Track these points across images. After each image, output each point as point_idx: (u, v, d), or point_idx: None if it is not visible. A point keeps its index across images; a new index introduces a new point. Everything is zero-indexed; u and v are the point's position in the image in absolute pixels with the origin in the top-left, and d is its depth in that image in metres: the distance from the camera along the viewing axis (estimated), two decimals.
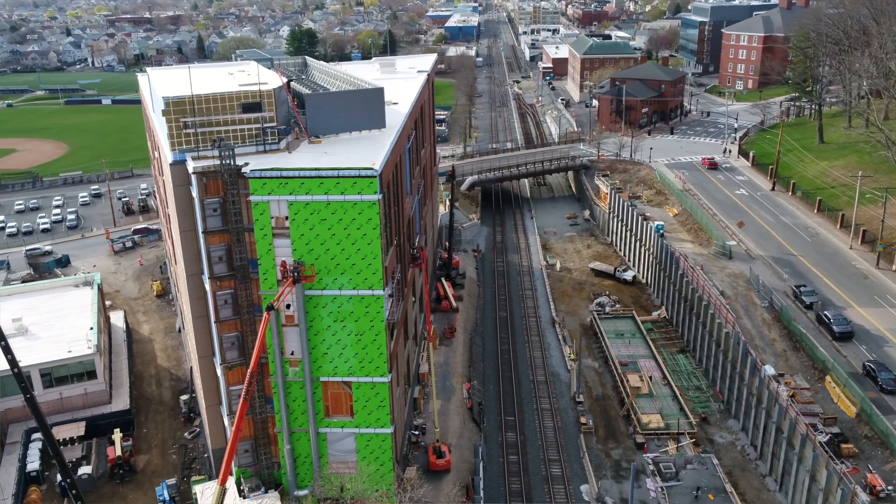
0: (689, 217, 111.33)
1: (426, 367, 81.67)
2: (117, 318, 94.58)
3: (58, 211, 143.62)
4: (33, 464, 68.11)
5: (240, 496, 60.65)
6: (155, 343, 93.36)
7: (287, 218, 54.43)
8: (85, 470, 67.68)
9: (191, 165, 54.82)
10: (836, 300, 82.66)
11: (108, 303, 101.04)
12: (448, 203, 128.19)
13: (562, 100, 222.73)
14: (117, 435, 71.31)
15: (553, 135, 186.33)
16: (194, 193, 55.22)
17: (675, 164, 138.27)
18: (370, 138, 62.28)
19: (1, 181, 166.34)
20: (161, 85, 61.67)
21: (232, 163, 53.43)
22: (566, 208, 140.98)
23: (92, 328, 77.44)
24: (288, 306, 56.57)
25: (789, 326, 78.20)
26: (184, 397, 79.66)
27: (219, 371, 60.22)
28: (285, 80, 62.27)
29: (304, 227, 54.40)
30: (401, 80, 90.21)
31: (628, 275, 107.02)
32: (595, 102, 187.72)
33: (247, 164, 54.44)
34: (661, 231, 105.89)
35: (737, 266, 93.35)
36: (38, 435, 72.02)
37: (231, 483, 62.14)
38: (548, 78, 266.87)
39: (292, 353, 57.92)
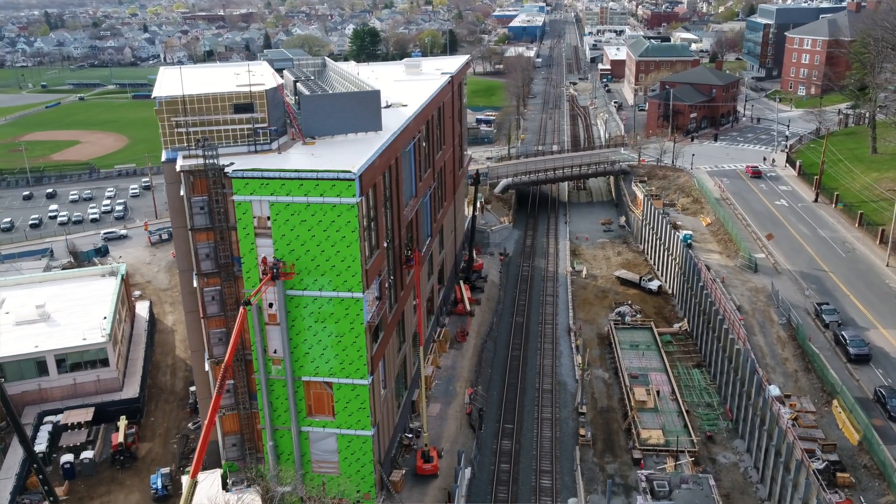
0: (722, 227, 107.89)
1: (428, 371, 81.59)
2: (142, 308, 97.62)
3: (108, 202, 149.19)
4: (41, 445, 70.76)
5: (223, 489, 61.76)
6: (176, 334, 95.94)
7: (269, 218, 55.07)
8: (87, 454, 70.12)
9: (178, 164, 56.15)
10: (860, 320, 78.77)
11: (137, 293, 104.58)
12: (479, 205, 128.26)
13: (615, 102, 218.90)
14: (122, 422, 73.67)
15: (602, 138, 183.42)
16: (182, 191, 56.55)
17: (718, 172, 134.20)
18: (364, 140, 62.43)
19: (61, 171, 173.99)
20: (162, 84, 63.17)
21: (216, 162, 54.46)
22: (603, 214, 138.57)
23: (105, 317, 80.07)
24: (270, 305, 57.34)
25: (803, 346, 74.90)
26: (193, 388, 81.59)
27: (206, 366, 61.56)
28: (281, 81, 63.01)
29: (285, 227, 54.95)
30: (420, 82, 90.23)
31: (654, 284, 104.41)
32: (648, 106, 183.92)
33: (232, 163, 55.36)
34: (689, 241, 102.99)
35: (760, 280, 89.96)
36: (49, 418, 75.17)
37: (217, 476, 63.47)
38: (604, 80, 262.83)
39: (275, 352, 58.64)
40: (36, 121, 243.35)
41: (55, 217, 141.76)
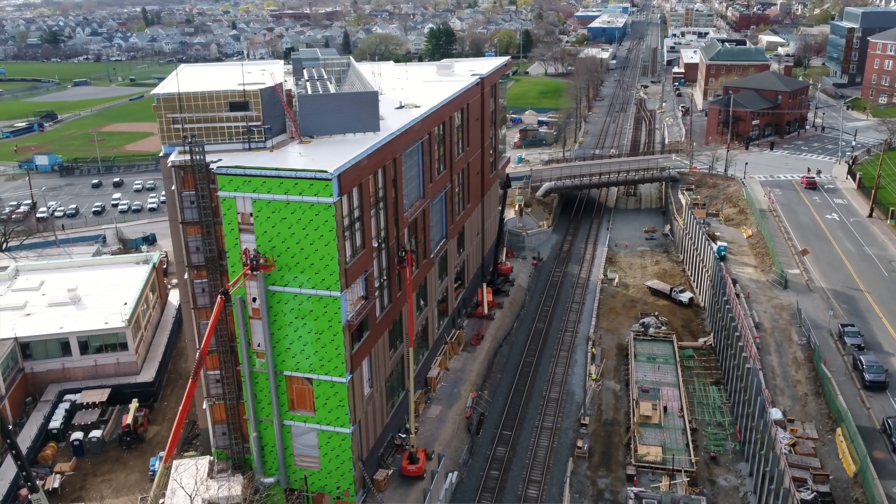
0: (762, 240, 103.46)
1: (435, 372, 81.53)
2: (176, 296, 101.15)
3: None
4: (56, 422, 74.60)
5: (209, 476, 63.51)
6: None
7: (251, 214, 56.31)
8: (96, 433, 73.41)
9: (170, 159, 58.08)
10: (887, 344, 74.19)
11: (175, 280, 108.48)
12: (518, 208, 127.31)
13: (682, 107, 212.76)
14: (133, 404, 76.76)
15: (665, 143, 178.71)
16: (173, 186, 58.49)
17: (772, 182, 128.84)
18: (360, 141, 62.90)
19: (130, 161, 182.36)
20: (169, 81, 65.26)
21: (202, 158, 56.05)
22: (649, 221, 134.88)
23: (126, 303, 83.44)
24: (254, 299, 58.62)
25: (817, 368, 71.12)
26: None
27: (197, 355, 63.30)
28: (280, 81, 64.16)
29: (267, 224, 56.06)
30: (447, 84, 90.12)
31: (685, 296, 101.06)
32: None
33: (220, 160, 56.87)
34: (724, 253, 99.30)
35: (788, 297, 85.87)
36: (69, 396, 78.96)
37: (205, 462, 65.36)
38: (677, 83, 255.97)
39: (259, 345, 59.93)
40: (118, 112, 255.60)
41: (117, 205, 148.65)
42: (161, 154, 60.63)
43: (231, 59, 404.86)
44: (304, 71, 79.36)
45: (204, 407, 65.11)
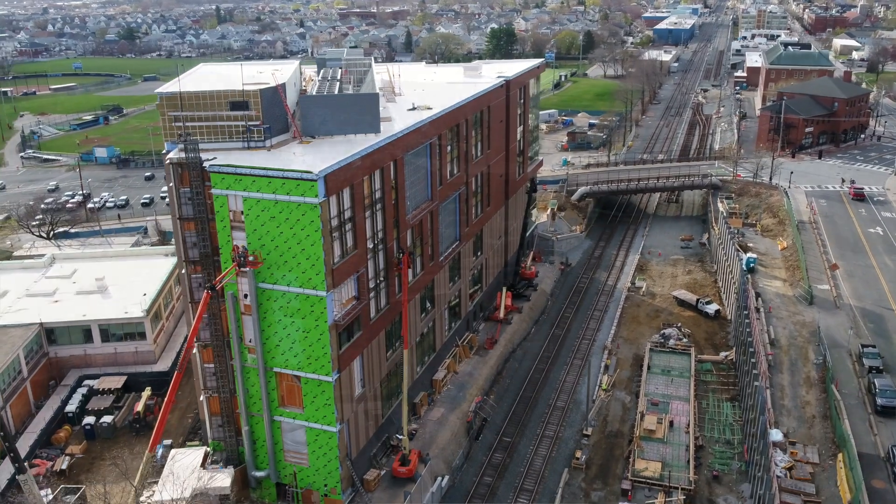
0: (796, 252, 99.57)
1: (441, 375, 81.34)
2: None
3: None
4: (72, 406, 77.58)
5: (202, 466, 64.94)
6: None
7: (242, 212, 57.30)
8: (107, 419, 75.98)
9: (168, 156, 59.60)
10: None
11: None
12: (550, 212, 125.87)
13: (739, 112, 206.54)
14: (146, 392, 79.16)
15: (717, 149, 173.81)
16: (171, 182, 60.02)
17: (818, 192, 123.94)
18: (358, 142, 63.24)
19: None
20: (184, 79, 66.84)
21: (197, 156, 57.30)
22: (688, 230, 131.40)
23: (145, 294, 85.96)
24: (245, 296, 59.66)
25: (828, 390, 68.02)
26: None
27: (195, 348, 64.85)
28: (282, 81, 64.98)
29: (257, 222, 56.98)
30: (470, 86, 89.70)
31: (711, 308, 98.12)
32: None
33: (214, 158, 58.06)
34: (752, 265, 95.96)
35: (812, 314, 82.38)
36: (88, 382, 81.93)
37: (200, 453, 66.88)
38: (738, 88, 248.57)
39: (250, 341, 60.96)
40: None
41: (165, 197, 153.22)
42: (164, 151, 62.25)
43: (296, 56, 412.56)
44: (322, 71, 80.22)
45: (201, 399, 66.57)
